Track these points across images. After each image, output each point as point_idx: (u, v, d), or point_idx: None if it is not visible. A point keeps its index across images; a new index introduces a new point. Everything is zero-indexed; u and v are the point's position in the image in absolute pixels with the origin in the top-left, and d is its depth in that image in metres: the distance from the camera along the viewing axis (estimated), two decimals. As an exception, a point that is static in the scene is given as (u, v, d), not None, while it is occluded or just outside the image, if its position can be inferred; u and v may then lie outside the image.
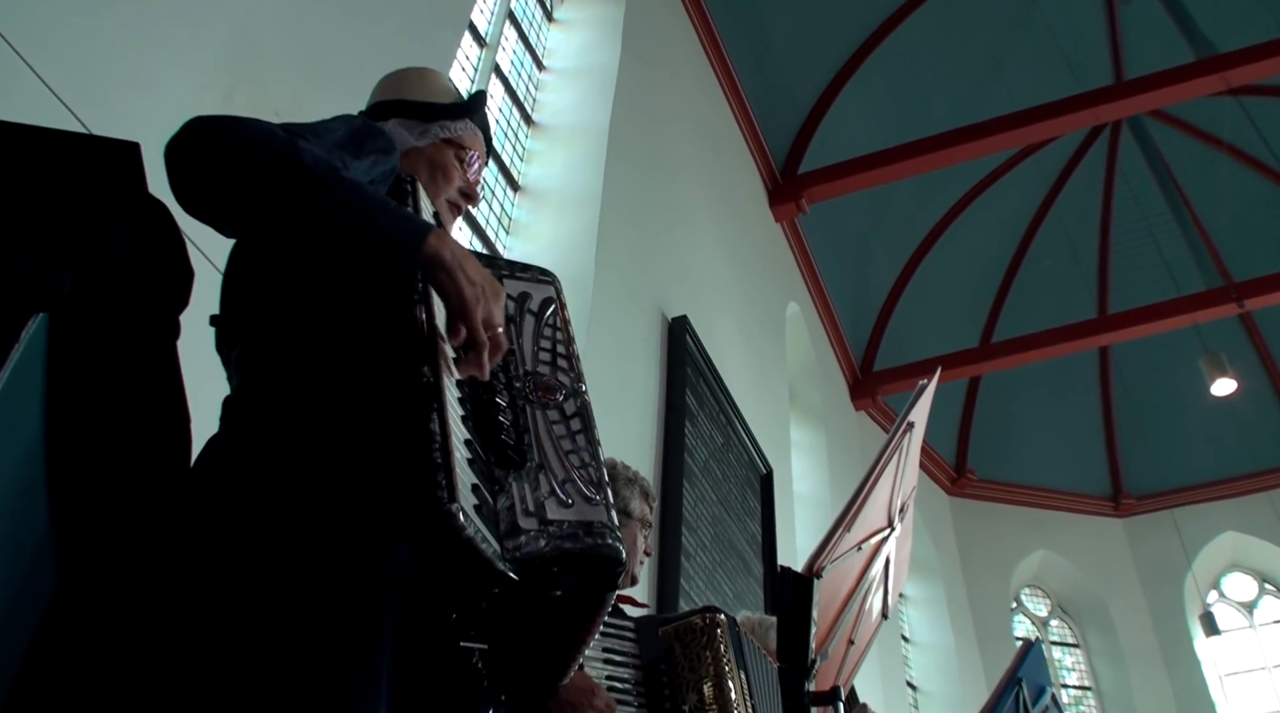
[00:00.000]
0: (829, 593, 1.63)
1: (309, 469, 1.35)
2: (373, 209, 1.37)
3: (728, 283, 7.88)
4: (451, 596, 1.33)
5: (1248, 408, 12.29)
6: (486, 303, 1.38)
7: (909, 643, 11.61)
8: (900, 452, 1.79)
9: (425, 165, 1.80)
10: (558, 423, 1.45)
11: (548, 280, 1.66)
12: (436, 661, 1.36)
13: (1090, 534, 13.29)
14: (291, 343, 1.50)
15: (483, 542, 1.23)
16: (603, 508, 1.38)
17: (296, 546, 1.29)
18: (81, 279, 1.32)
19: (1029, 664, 2.82)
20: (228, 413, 1.53)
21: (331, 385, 1.43)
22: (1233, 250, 12.15)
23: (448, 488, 1.20)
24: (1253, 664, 12.78)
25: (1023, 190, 12.46)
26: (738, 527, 6.62)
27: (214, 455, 1.45)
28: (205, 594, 1.28)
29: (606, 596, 1.42)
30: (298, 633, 1.23)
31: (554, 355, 1.54)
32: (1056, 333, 11.18)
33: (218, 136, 1.37)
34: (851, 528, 1.63)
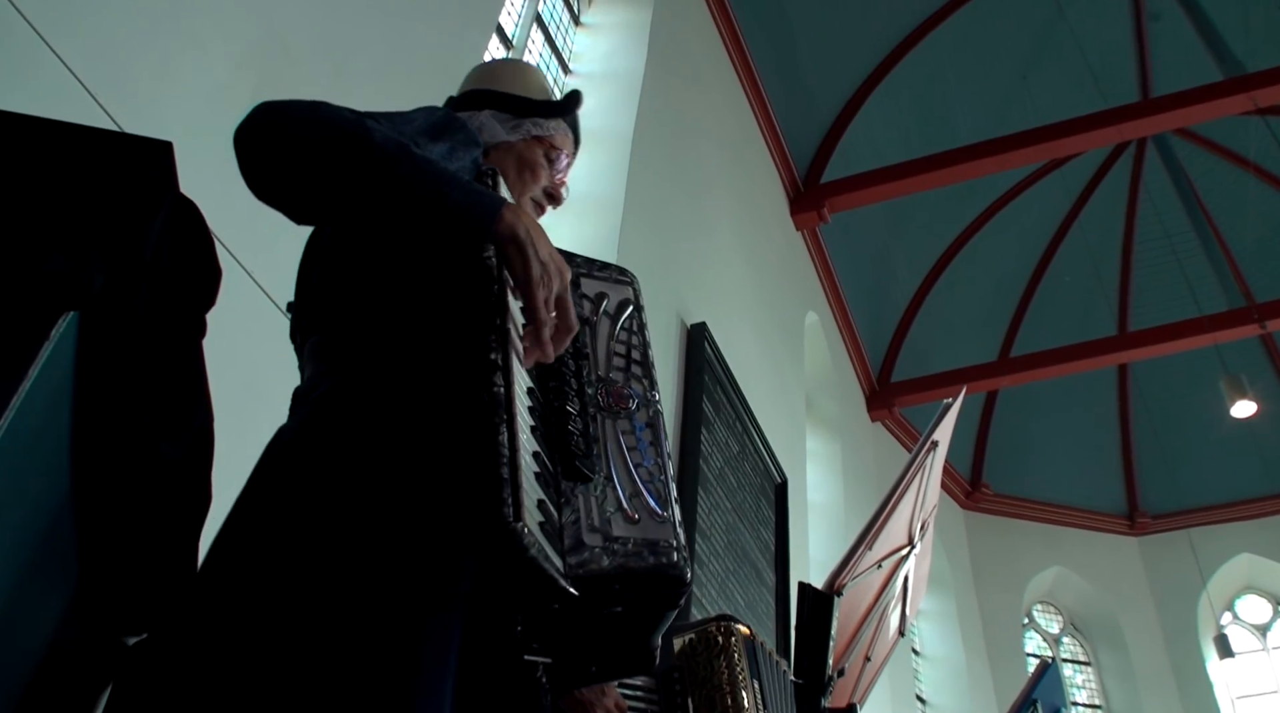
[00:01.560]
0: (848, 610, 1.63)
1: (381, 473, 1.32)
2: (445, 182, 1.35)
3: (747, 291, 7.87)
4: (516, 608, 1.28)
5: (1267, 430, 12.21)
6: (550, 281, 1.35)
7: (919, 657, 11.56)
8: (923, 470, 1.78)
9: (514, 161, 1.78)
10: (628, 433, 1.41)
11: (626, 281, 1.62)
12: (500, 672, 1.33)
13: (1105, 552, 13.23)
14: (365, 338, 1.47)
15: (545, 560, 1.19)
16: (669, 525, 1.34)
17: (368, 548, 1.26)
18: (113, 278, 1.33)
19: (1045, 685, 2.81)
20: (298, 404, 1.51)
21: (404, 385, 1.40)
22: (1256, 271, 12.09)
23: (514, 506, 1.17)
24: (1265, 687, 12.69)
25: (1045, 205, 12.42)
26: (751, 535, 6.60)
27: (284, 448, 1.42)
28: (264, 594, 1.25)
29: (668, 613, 1.38)
30: (366, 634, 1.20)
31: (628, 361, 1.50)
32: (1076, 349, 11.12)
33: (286, 120, 1.37)
34: (873, 546, 1.62)
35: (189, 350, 1.68)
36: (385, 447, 1.34)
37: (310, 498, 1.30)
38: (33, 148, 1.39)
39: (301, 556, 1.25)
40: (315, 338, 1.53)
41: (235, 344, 1.75)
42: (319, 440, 1.37)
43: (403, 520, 1.28)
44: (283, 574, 1.24)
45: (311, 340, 1.54)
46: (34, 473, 1.30)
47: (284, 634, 1.20)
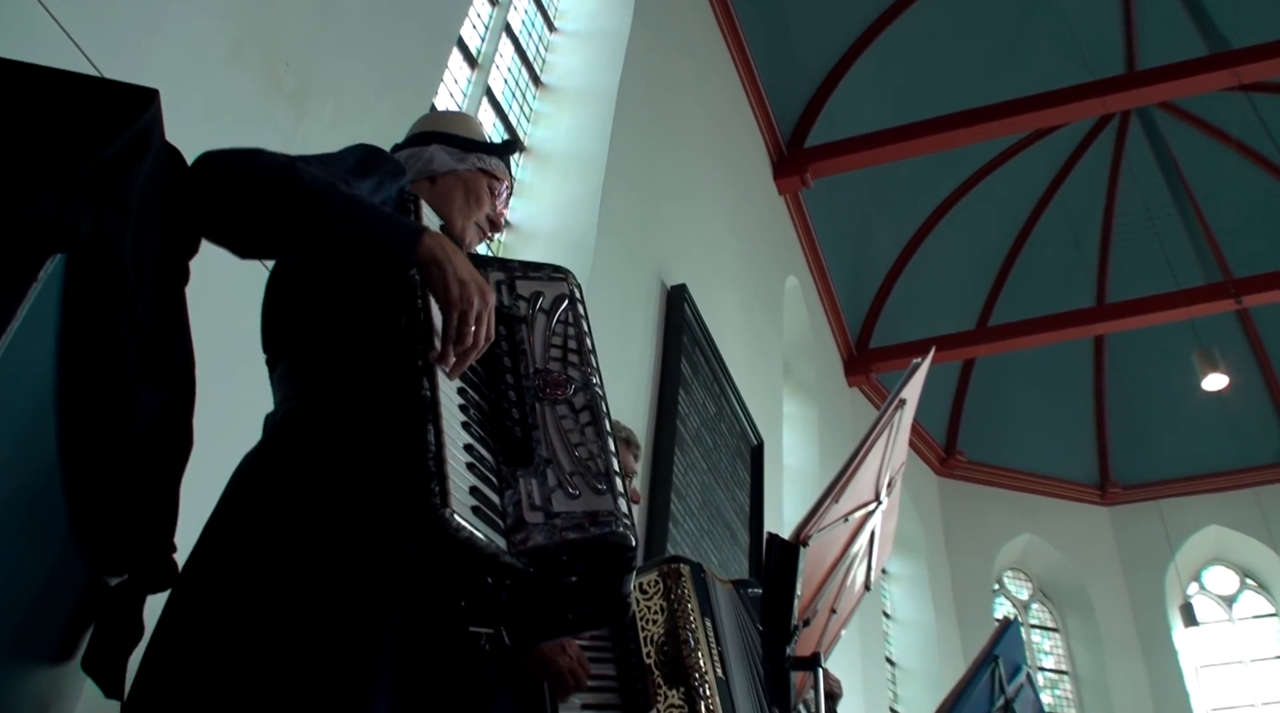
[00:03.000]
0: (814, 562, 1.68)
1: (332, 479, 1.46)
2: (368, 215, 1.50)
3: (728, 253, 7.89)
4: (459, 585, 1.39)
5: (1239, 404, 12.34)
6: (471, 297, 1.46)
7: (890, 619, 11.71)
8: (891, 428, 1.83)
9: (461, 189, 1.93)
10: (566, 418, 1.52)
11: (560, 277, 1.74)
12: (447, 645, 1.44)
13: (1076, 521, 13.38)
14: (318, 361, 1.62)
15: (481, 541, 1.31)
16: (609, 497, 1.44)
17: (313, 542, 1.40)
18: (99, 222, 1.35)
19: (1006, 642, 2.88)
20: (267, 427, 1.66)
21: (353, 400, 1.55)
22: (1234, 246, 12.16)
23: (440, 494, 1.29)
24: (1229, 658, 12.90)
25: (1028, 176, 12.46)
26: (726, 496, 6.67)
27: (250, 463, 1.58)
28: (228, 581, 1.40)
29: (625, 577, 1.49)
30: (307, 619, 1.34)
31: (565, 351, 1.61)
32: (1053, 320, 11.20)
33: (227, 167, 1.52)
34: (840, 499, 1.67)
35: (172, 296, 1.70)
36: (337, 456, 1.49)
37: (270, 503, 1.46)
38: (22, 93, 1.40)
39: (260, 554, 1.41)
40: (283, 365, 1.68)
41: (214, 298, 1.78)
42: (279, 456, 1.53)
43: (349, 517, 1.43)
44: (246, 571, 1.40)
45: (280, 367, 1.68)
46: (20, 413, 1.33)
47: (247, 618, 1.35)
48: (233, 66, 3.05)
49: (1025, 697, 2.94)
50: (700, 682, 2.29)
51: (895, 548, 12.13)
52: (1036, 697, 3.07)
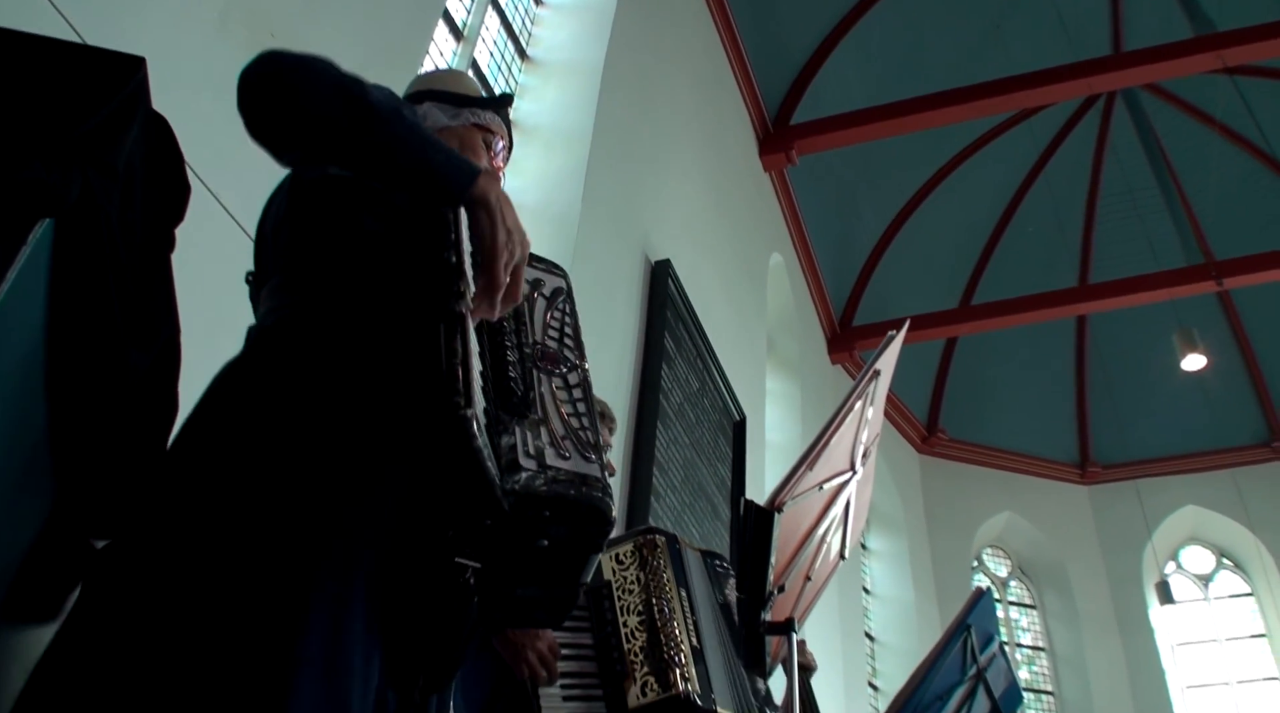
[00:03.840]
0: (789, 529, 1.70)
1: (323, 386, 1.43)
2: (432, 146, 1.48)
3: (713, 229, 7.90)
4: (449, 515, 1.38)
5: (1218, 386, 12.43)
6: (514, 248, 1.46)
7: (869, 595, 11.79)
8: (865, 398, 1.85)
9: (456, 143, 1.90)
10: (560, 389, 1.53)
11: (560, 273, 1.74)
12: (430, 573, 1.41)
13: (1055, 499, 13.48)
14: (321, 273, 1.58)
15: (488, 458, 1.30)
16: (598, 467, 1.45)
17: (296, 449, 1.36)
18: (88, 187, 1.36)
19: (978, 612, 2.91)
20: (249, 337, 1.60)
21: (356, 308, 1.52)
22: (1216, 229, 12.23)
23: (465, 395, 1.28)
24: (1205, 636, 13.03)
25: (1013, 156, 12.48)
26: (708, 471, 6.71)
27: (231, 370, 1.51)
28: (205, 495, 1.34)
29: (591, 556, 1.48)
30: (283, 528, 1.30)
31: (561, 333, 1.62)
32: (1036, 299, 11.26)
33: (291, 68, 1.45)
34: (814, 467, 1.70)
35: (158, 262, 1.72)
36: (329, 365, 1.45)
37: (250, 415, 1.41)
38: (10, 60, 1.41)
39: (236, 469, 1.35)
40: (273, 281, 1.62)
41: (198, 263, 1.80)
42: (263, 364, 1.48)
43: (336, 433, 1.39)
44: (220, 487, 1.34)
45: (270, 284, 1.63)
46: (9, 373, 1.34)
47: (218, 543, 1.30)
48: (218, 36, 3.04)
49: (998, 667, 2.98)
50: (676, 651, 2.32)
51: (875, 524, 12.21)
52: (1009, 667, 3.11)
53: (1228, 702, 12.51)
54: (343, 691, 1.27)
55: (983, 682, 2.89)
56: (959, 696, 2.82)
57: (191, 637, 1.24)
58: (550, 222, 5.34)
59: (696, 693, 2.28)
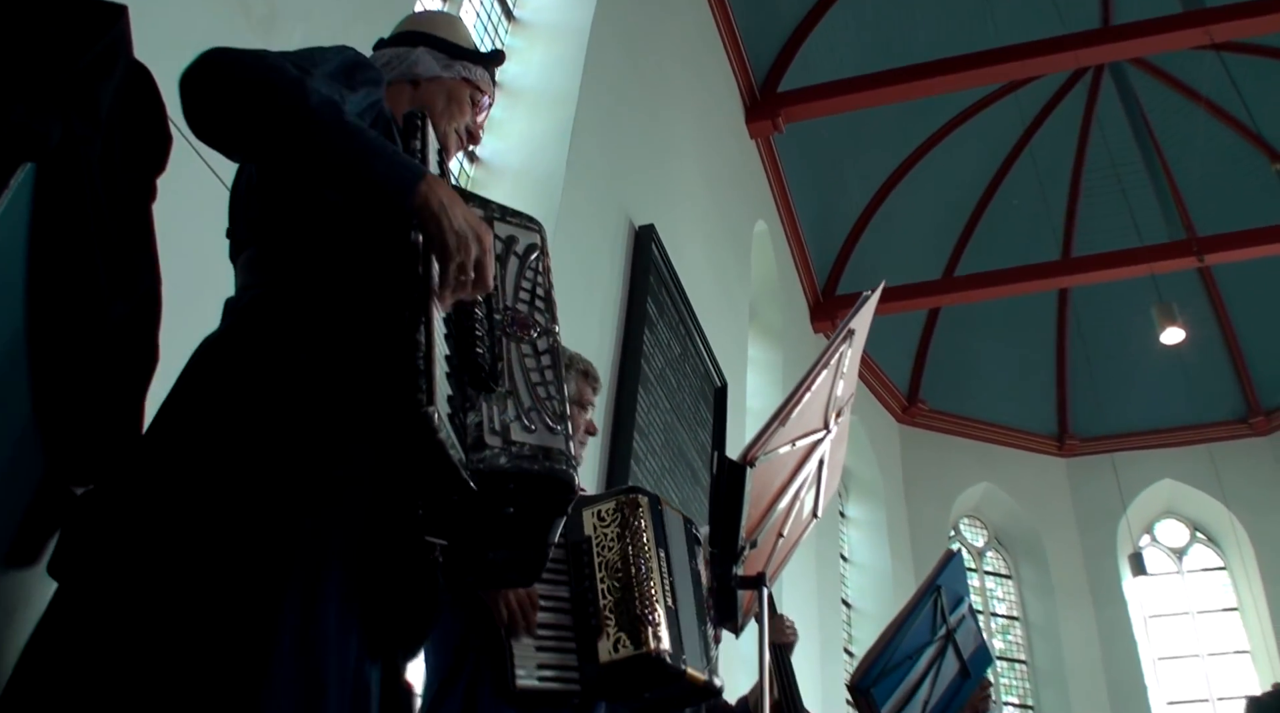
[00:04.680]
0: (762, 485, 1.73)
1: (294, 371, 1.45)
2: (371, 154, 1.48)
3: (697, 195, 7.90)
4: (418, 495, 1.42)
5: (1197, 362, 12.53)
6: (469, 248, 1.48)
7: (847, 562, 11.89)
8: (839, 357, 1.88)
9: (444, 95, 1.92)
10: (529, 357, 1.56)
11: (534, 228, 1.75)
12: (400, 551, 1.46)
13: (1033, 471, 13.58)
14: (293, 250, 1.60)
15: (451, 447, 1.34)
16: (563, 438, 1.49)
17: (270, 432, 1.39)
18: (69, 133, 1.36)
19: (948, 573, 2.95)
20: (227, 312, 1.62)
21: (326, 292, 1.54)
22: (1199, 205, 12.27)
23: (427, 392, 1.32)
24: (1177, 609, 13.18)
25: (999, 127, 12.47)
26: (689, 436, 6.74)
27: (206, 351, 1.54)
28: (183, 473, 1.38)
29: (556, 520, 1.53)
30: (258, 510, 1.33)
31: (533, 296, 1.64)
32: (1018, 272, 11.29)
33: (230, 70, 1.47)
34: (786, 423, 1.72)
35: (139, 212, 1.72)
36: (301, 347, 1.48)
37: (224, 395, 1.44)
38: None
39: (212, 449, 1.38)
40: (248, 252, 1.65)
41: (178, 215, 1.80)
42: (237, 344, 1.51)
43: (310, 410, 1.42)
44: (195, 461, 1.38)
45: (245, 255, 1.66)
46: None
47: (195, 501, 1.34)
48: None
49: (967, 628, 3.02)
50: (651, 610, 2.35)
51: (854, 493, 12.29)
52: (978, 629, 3.16)
53: (1198, 674, 12.67)
54: (318, 664, 1.29)
55: (952, 642, 2.93)
56: (928, 655, 2.86)
57: (167, 614, 1.26)
58: (534, 185, 5.33)
59: (668, 653, 2.31)
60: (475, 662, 2.34)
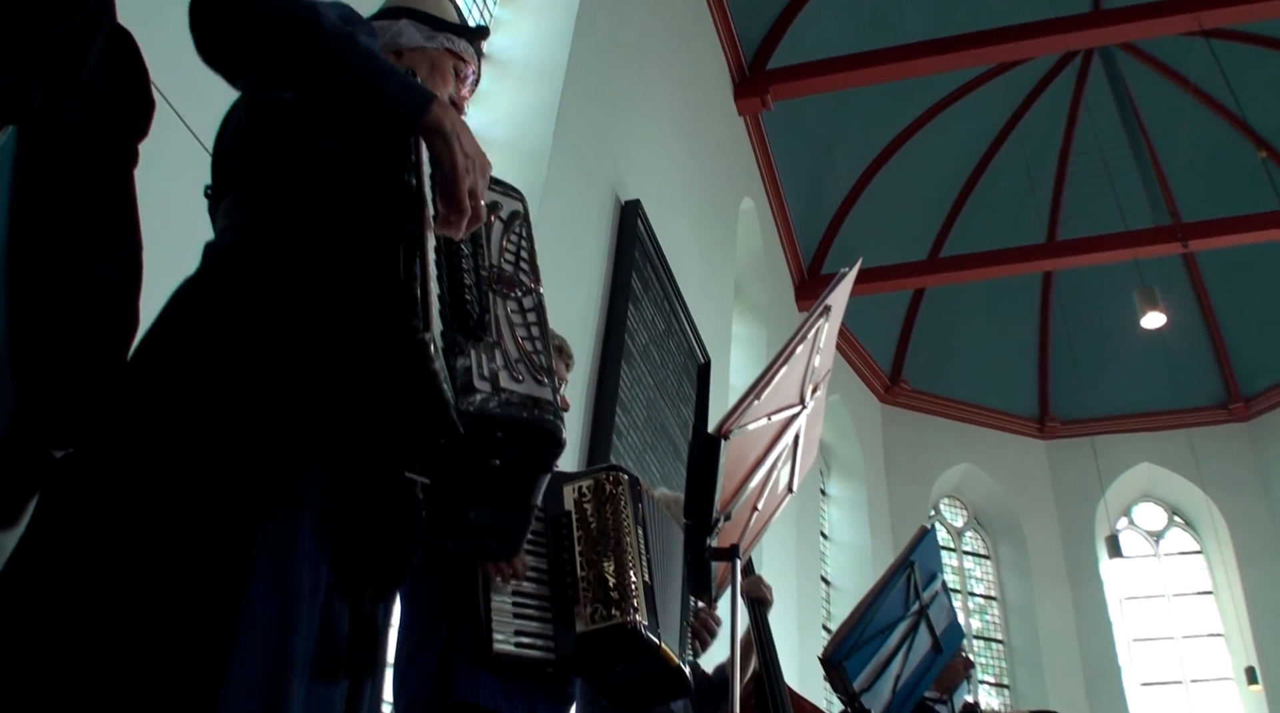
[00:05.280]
0: (736, 457, 1.75)
1: (277, 306, 1.45)
2: (384, 73, 1.48)
3: (684, 171, 7.89)
4: (403, 432, 1.42)
5: (1179, 349, 12.61)
6: (474, 174, 1.49)
7: (827, 540, 11.95)
8: (815, 333, 1.89)
9: (427, 65, 1.90)
10: (515, 313, 1.55)
11: (517, 197, 1.75)
12: (380, 487, 1.45)
13: (1013, 453, 13.66)
14: (280, 192, 1.59)
15: (444, 381, 1.34)
16: (550, 390, 1.49)
17: (253, 364, 1.39)
18: (51, 96, 1.36)
19: (922, 549, 2.98)
20: (206, 254, 1.61)
21: (313, 229, 1.54)
22: (1184, 191, 12.32)
23: (423, 318, 1.32)
24: (1153, 591, 13.31)
25: (988, 110, 12.48)
26: (671, 412, 6.76)
27: (185, 291, 1.54)
28: (161, 411, 1.38)
29: (541, 476, 1.53)
30: (236, 439, 1.34)
31: (517, 257, 1.64)
32: (1003, 254, 11.34)
33: None
34: (762, 396, 1.74)
35: (121, 176, 1.72)
36: (286, 282, 1.48)
37: (205, 333, 1.44)
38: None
39: (191, 386, 1.38)
40: (231, 197, 1.64)
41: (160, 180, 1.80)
42: (220, 281, 1.51)
43: (290, 348, 1.42)
44: (175, 404, 1.38)
45: (227, 200, 1.64)
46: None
47: (172, 458, 1.34)
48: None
49: (940, 604, 3.05)
50: (627, 583, 2.38)
51: (835, 471, 12.34)
52: (950, 605, 3.19)
53: (1173, 656, 12.81)
54: (293, 597, 1.30)
55: (925, 618, 2.96)
56: (901, 630, 2.89)
57: (145, 549, 1.28)
58: (521, 157, 5.32)
59: (644, 625, 2.34)
60: (450, 626, 2.37)
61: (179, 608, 1.24)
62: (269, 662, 1.26)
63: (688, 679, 2.55)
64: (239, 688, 1.22)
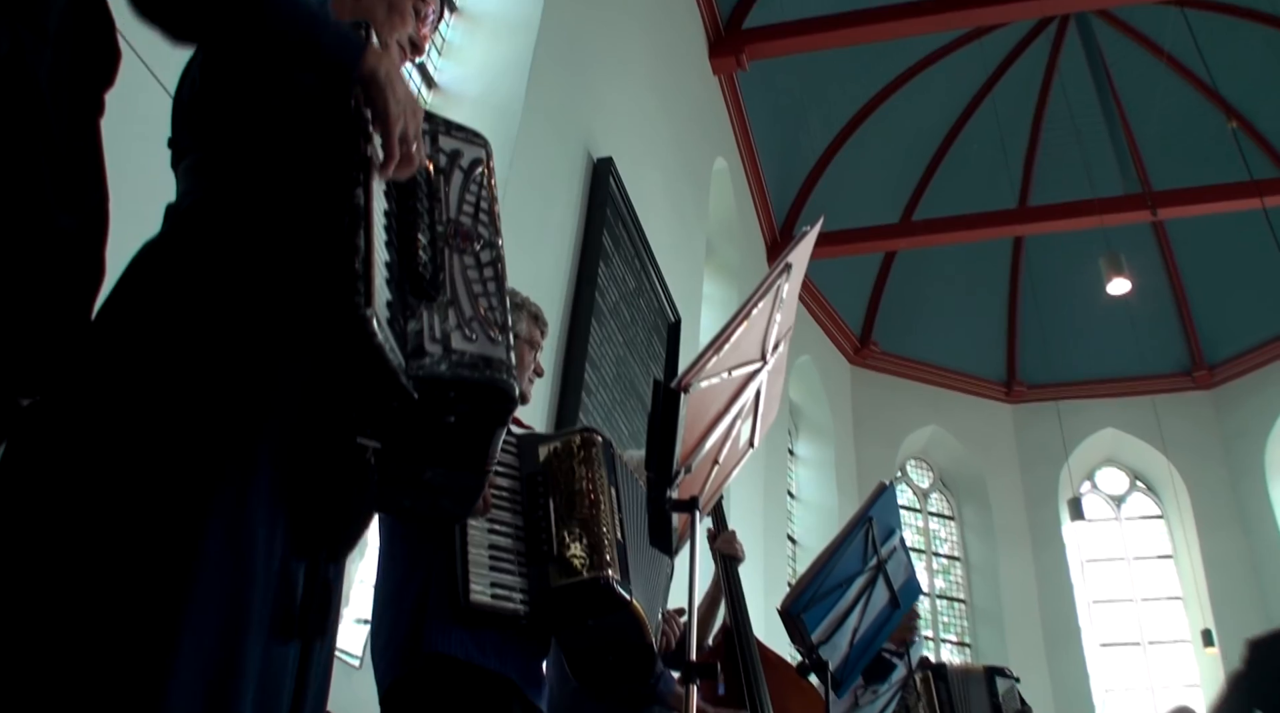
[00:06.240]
0: (697, 411, 1.78)
1: (229, 275, 1.47)
2: (317, 24, 1.49)
3: (657, 130, 7.87)
4: (351, 398, 1.44)
5: (1146, 316, 12.72)
6: (407, 120, 1.51)
7: (794, 499, 12.06)
8: (776, 290, 1.92)
9: (384, 5, 1.88)
10: (471, 269, 1.56)
11: (480, 143, 1.75)
12: (331, 454, 1.47)
13: (979, 416, 13.80)
14: (233, 154, 1.60)
15: (390, 352, 1.35)
16: (503, 348, 1.51)
17: (205, 334, 1.42)
18: (17, 43, 1.36)
19: (880, 505, 3.02)
20: (167, 217, 1.63)
21: (266, 195, 1.55)
22: (1155, 160, 12.39)
23: (365, 295, 1.33)
24: (1113, 554, 13.51)
25: (963, 74, 12.49)
26: (641, 370, 6.79)
27: (145, 255, 1.56)
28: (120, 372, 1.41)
29: (497, 430, 1.55)
30: (187, 409, 1.37)
31: (476, 209, 1.64)
32: (975, 218, 11.41)
33: None
34: (722, 352, 1.76)
35: (87, 126, 1.71)
36: (239, 251, 1.50)
37: (162, 299, 1.46)
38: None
39: (149, 349, 1.41)
40: (189, 158, 1.65)
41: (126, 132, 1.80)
42: (176, 248, 1.53)
43: (245, 313, 1.45)
44: (133, 364, 1.41)
45: (186, 161, 1.66)
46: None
47: (129, 419, 1.36)
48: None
49: (898, 560, 3.10)
50: (600, 540, 2.42)
51: (804, 431, 12.43)
52: (909, 561, 3.24)
53: (1131, 617, 13.03)
54: (247, 558, 1.34)
55: (883, 573, 3.01)
56: (859, 585, 2.94)
57: (101, 505, 1.30)
58: (492, 113, 5.30)
59: (616, 580, 2.38)
60: (425, 580, 2.40)
61: (135, 563, 1.27)
62: (225, 619, 1.29)
63: (655, 656, 2.59)
64: (194, 645, 1.25)
